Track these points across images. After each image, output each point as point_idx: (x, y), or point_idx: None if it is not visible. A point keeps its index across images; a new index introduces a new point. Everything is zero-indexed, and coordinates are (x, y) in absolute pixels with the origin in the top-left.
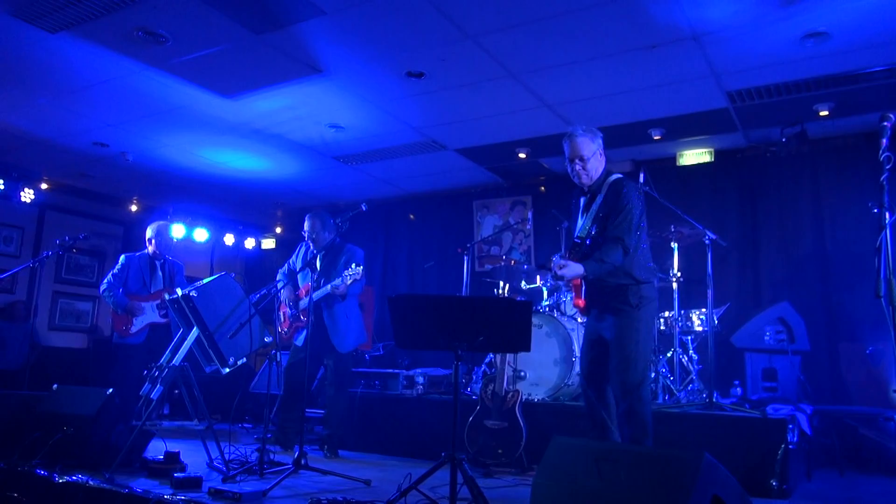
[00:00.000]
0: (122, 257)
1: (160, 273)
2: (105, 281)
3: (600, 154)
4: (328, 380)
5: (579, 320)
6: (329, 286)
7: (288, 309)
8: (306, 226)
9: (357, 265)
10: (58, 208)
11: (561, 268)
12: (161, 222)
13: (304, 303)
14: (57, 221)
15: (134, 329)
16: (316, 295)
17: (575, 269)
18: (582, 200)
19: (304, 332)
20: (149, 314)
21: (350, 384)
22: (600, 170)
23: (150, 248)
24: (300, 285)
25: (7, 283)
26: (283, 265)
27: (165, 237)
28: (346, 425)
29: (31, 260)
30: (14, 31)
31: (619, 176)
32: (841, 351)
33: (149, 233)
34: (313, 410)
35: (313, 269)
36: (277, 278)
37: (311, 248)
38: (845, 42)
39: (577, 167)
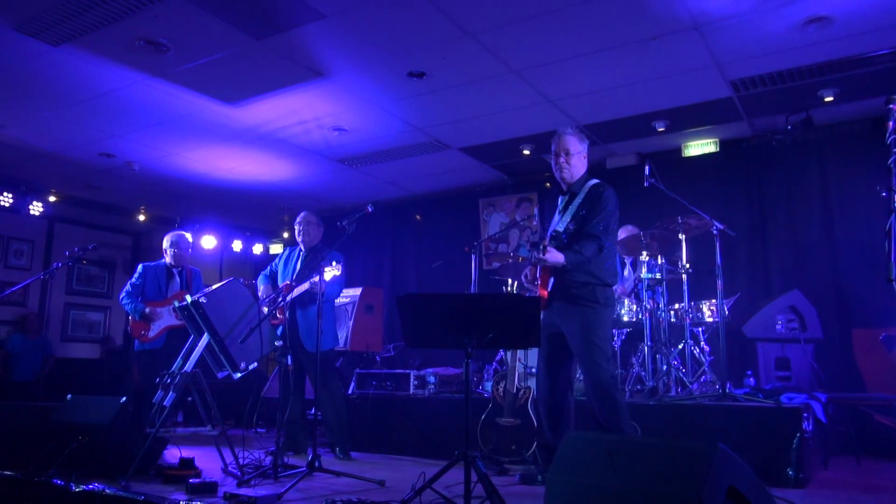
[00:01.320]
0: (139, 266)
1: (178, 279)
2: (123, 290)
3: (584, 157)
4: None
5: None
6: (307, 282)
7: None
8: (300, 217)
9: (337, 262)
10: (66, 220)
11: (545, 252)
12: (177, 232)
13: (278, 301)
14: (66, 233)
15: (152, 333)
16: (295, 292)
17: (557, 255)
18: (560, 200)
19: (280, 329)
20: (166, 318)
21: (336, 383)
22: (582, 171)
23: (168, 258)
24: (279, 284)
25: (19, 295)
26: (265, 268)
27: (182, 246)
28: (350, 424)
29: (41, 272)
30: (17, 45)
31: (599, 181)
32: (854, 337)
33: (165, 243)
34: None
35: (295, 270)
36: (259, 281)
37: (299, 245)
38: (848, 26)
39: (562, 160)
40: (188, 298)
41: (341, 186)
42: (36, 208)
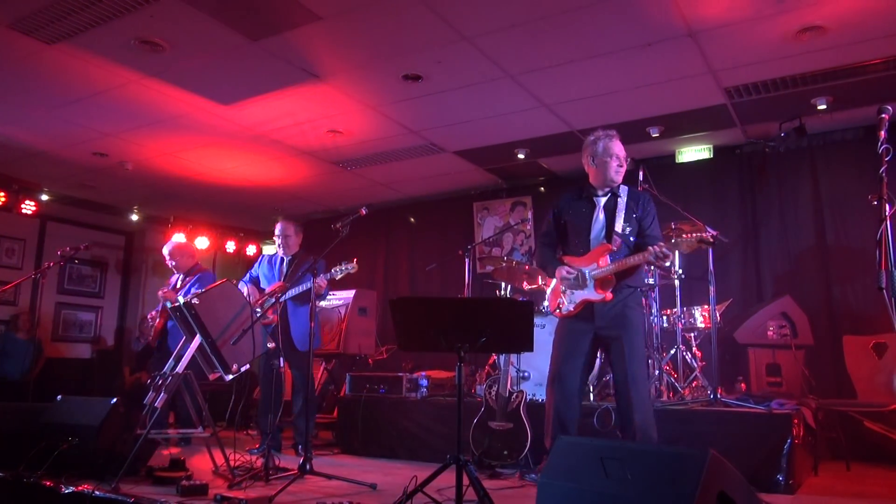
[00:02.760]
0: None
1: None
2: None
3: None
4: (295, 380)
5: (561, 314)
6: (315, 281)
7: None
8: (278, 229)
9: (347, 262)
10: (59, 219)
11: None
12: (173, 241)
13: (269, 301)
14: (58, 232)
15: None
16: (290, 294)
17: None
18: (597, 199)
19: (270, 330)
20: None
21: (313, 382)
22: None
23: (172, 267)
24: (265, 287)
25: (10, 294)
26: (245, 275)
27: (174, 256)
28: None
29: (33, 271)
30: (11, 43)
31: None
32: (845, 344)
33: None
34: (317, 416)
35: (281, 273)
36: (239, 286)
37: (280, 252)
38: (841, 36)
39: (622, 167)
40: (180, 299)
41: (335, 188)
42: (28, 207)
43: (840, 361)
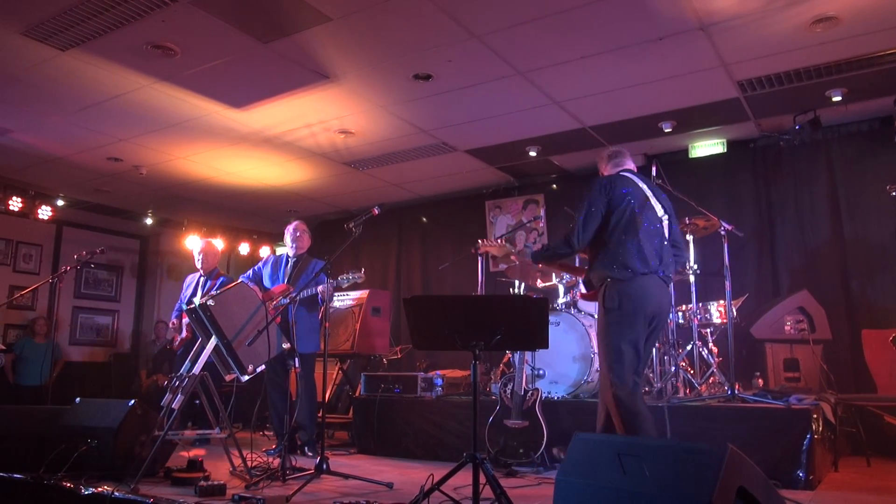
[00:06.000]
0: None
1: (201, 290)
2: None
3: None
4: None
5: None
6: (318, 287)
7: None
8: (293, 228)
9: (355, 272)
10: (75, 224)
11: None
12: (204, 240)
13: (283, 301)
14: (74, 237)
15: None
16: (300, 295)
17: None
18: None
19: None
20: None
21: (314, 383)
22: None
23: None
24: (269, 286)
25: (28, 299)
26: (248, 271)
27: (208, 251)
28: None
29: (50, 276)
30: (25, 51)
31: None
32: (863, 338)
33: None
34: (333, 416)
35: (286, 274)
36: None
37: (290, 252)
38: (854, 26)
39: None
40: (196, 301)
41: (348, 189)
42: (44, 212)
43: (859, 356)
